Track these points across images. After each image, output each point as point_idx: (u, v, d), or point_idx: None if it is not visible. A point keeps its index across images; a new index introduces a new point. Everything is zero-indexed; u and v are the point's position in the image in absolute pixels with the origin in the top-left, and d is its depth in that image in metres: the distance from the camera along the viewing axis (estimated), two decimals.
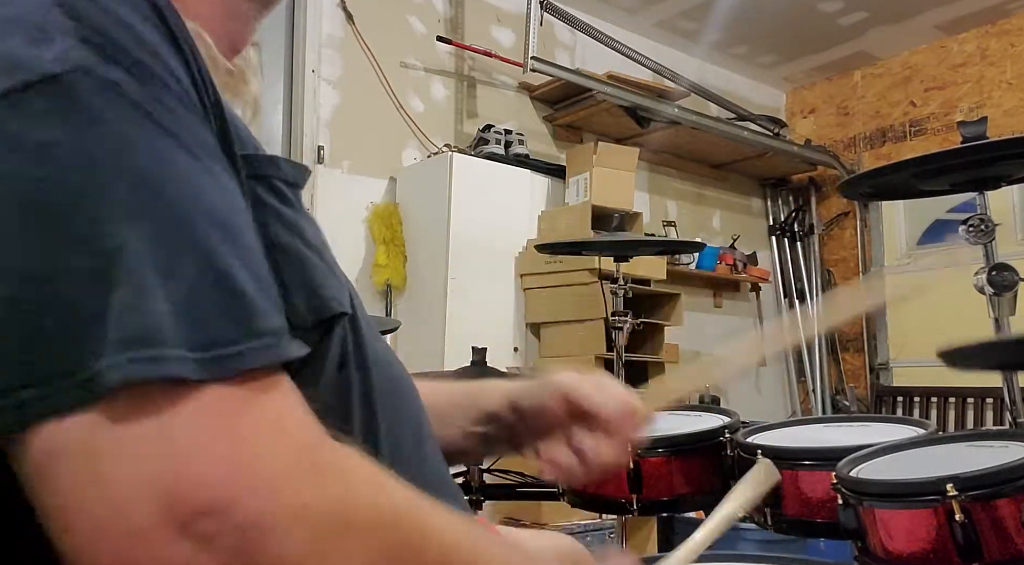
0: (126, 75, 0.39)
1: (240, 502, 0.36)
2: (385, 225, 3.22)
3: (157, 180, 0.38)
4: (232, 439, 0.37)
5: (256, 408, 0.38)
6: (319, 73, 3.23)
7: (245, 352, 0.38)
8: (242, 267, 0.40)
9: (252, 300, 0.40)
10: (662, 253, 3.28)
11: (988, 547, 0.81)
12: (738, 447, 1.16)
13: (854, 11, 4.19)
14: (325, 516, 0.38)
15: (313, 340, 0.49)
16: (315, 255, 0.50)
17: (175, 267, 0.38)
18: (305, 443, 0.40)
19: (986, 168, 1.40)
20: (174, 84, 0.41)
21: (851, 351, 4.86)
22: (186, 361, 0.36)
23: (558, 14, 3.60)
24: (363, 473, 0.42)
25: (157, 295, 0.37)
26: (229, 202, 0.42)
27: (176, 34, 0.43)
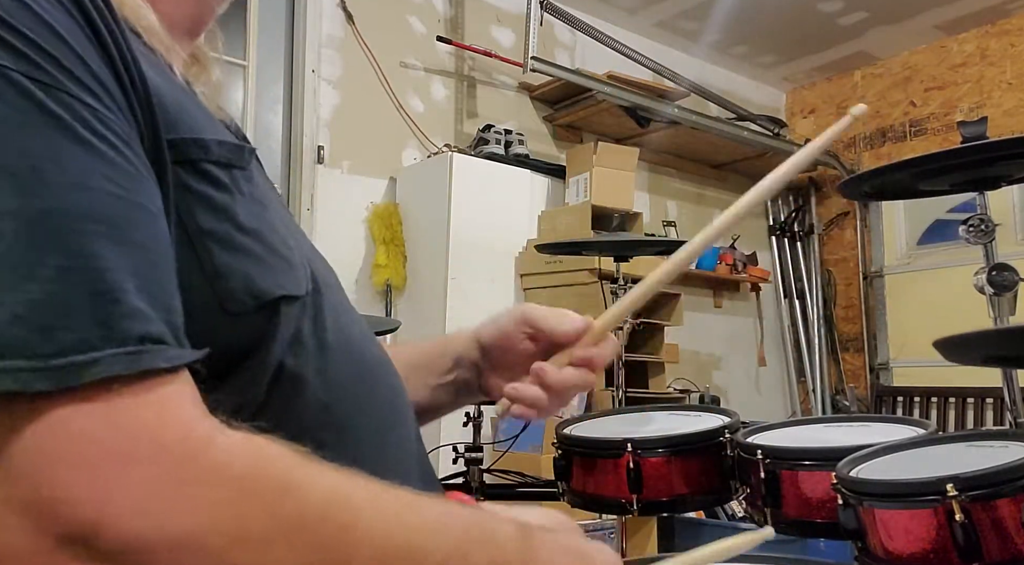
0: (15, 58, 0.37)
1: (105, 528, 0.34)
2: (385, 225, 3.23)
3: (30, 171, 0.36)
4: (93, 455, 0.34)
5: (121, 419, 0.35)
6: (319, 73, 3.23)
7: (103, 359, 0.35)
8: (122, 267, 0.37)
9: (122, 302, 0.36)
10: (662, 253, 3.27)
11: (988, 547, 0.81)
12: (738, 447, 1.16)
13: (854, 11, 4.19)
14: (211, 532, 0.36)
15: (257, 324, 0.47)
16: (251, 239, 0.48)
17: (34, 267, 0.35)
18: (186, 454, 0.36)
19: (986, 168, 1.40)
20: (78, 68, 0.39)
21: (851, 351, 4.86)
22: (21, 372, 0.33)
23: (558, 14, 3.60)
24: (263, 475, 0.39)
25: (6, 297, 0.34)
26: (123, 194, 0.39)
27: (92, 17, 0.41)
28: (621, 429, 1.29)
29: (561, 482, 1.29)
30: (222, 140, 0.48)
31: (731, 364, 4.59)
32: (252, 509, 0.37)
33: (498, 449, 2.39)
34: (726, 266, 4.40)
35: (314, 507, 0.39)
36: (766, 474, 1.07)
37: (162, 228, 0.41)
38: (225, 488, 0.37)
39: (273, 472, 0.39)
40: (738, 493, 1.17)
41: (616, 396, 2.11)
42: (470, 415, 2.07)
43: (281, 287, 0.48)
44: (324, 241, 3.08)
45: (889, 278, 4.68)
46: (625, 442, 1.18)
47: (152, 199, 0.41)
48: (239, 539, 0.36)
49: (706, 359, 4.45)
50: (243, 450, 0.39)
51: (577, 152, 3.60)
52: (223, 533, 0.36)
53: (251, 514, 0.37)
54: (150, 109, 0.43)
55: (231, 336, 0.46)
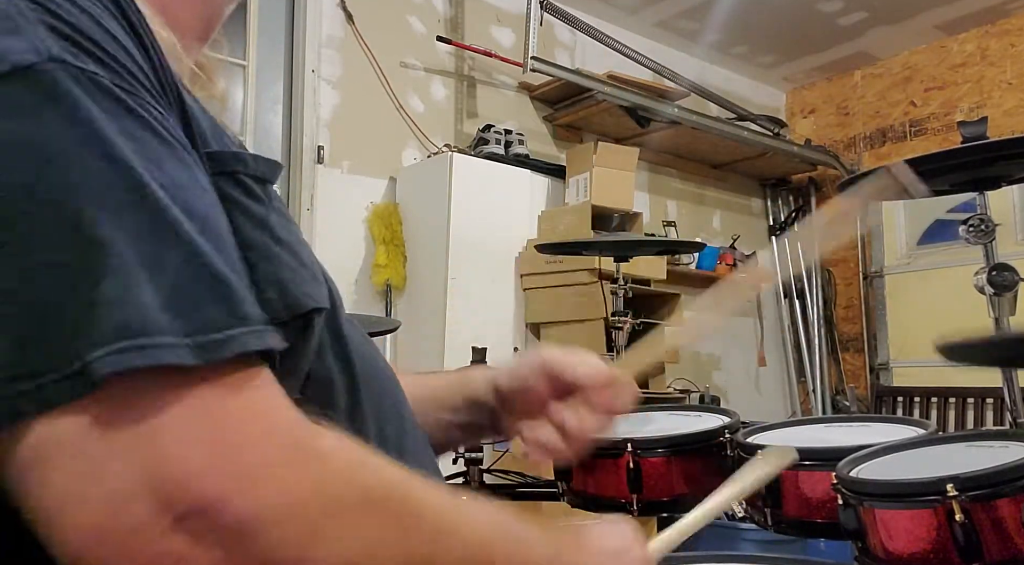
0: (99, 66, 0.39)
1: (229, 500, 0.36)
2: (385, 225, 3.22)
3: (138, 172, 0.38)
4: (221, 433, 0.37)
5: (244, 398, 0.38)
6: (319, 73, 3.23)
7: (237, 337, 0.38)
8: (221, 257, 0.40)
9: (236, 288, 0.40)
10: (662, 253, 3.28)
11: (988, 547, 0.81)
12: (738, 447, 1.16)
13: (854, 11, 4.19)
14: (315, 504, 0.38)
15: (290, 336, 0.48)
16: (285, 251, 0.50)
17: (159, 258, 0.37)
18: (291, 433, 0.40)
19: (986, 168, 1.40)
20: (143, 77, 0.41)
21: (851, 351, 4.86)
22: (178, 348, 0.36)
23: (558, 14, 3.60)
24: (349, 456, 0.42)
25: (144, 287, 0.36)
26: (203, 194, 0.42)
27: (137, 28, 0.43)
28: (621, 429, 1.29)
29: (561, 482, 1.29)
30: (257, 155, 0.51)
31: (731, 364, 4.59)
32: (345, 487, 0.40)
33: (498, 449, 2.39)
34: (726, 266, 4.40)
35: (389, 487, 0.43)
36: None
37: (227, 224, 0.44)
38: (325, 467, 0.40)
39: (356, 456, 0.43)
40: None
41: None
42: None
43: (312, 299, 0.50)
44: (324, 241, 3.08)
45: (889, 278, 4.68)
46: (625, 442, 1.18)
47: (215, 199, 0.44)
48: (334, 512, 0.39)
49: (706, 359, 4.45)
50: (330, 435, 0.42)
51: (577, 152, 3.60)
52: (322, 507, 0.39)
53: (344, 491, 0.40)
54: (187, 123, 0.45)
55: None
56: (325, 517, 0.38)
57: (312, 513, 0.38)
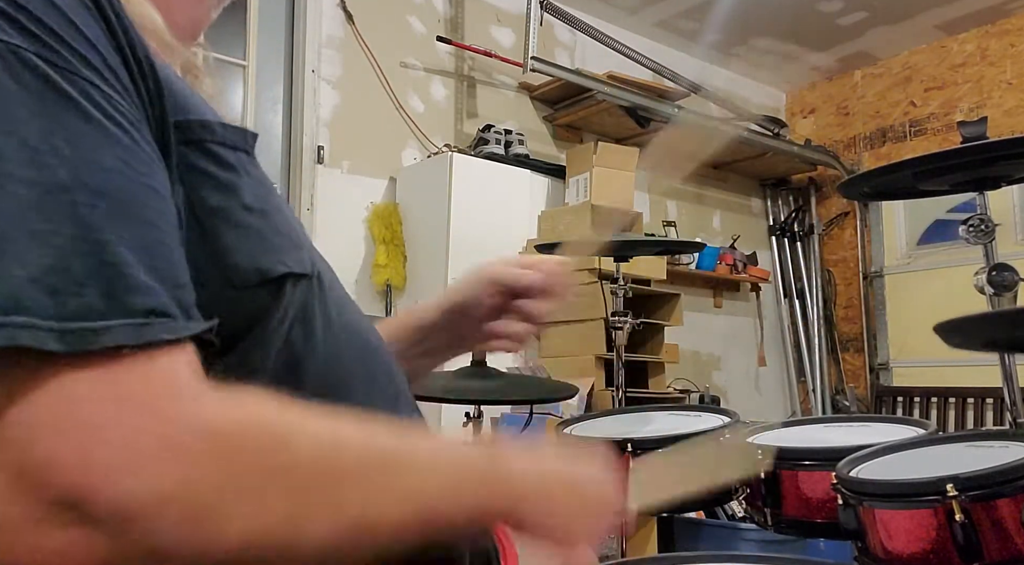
0: (30, 41, 0.39)
1: (99, 490, 0.35)
2: (385, 225, 3.22)
3: (47, 146, 0.37)
4: (86, 421, 0.35)
5: (120, 388, 0.36)
6: (319, 73, 3.23)
7: (112, 328, 0.36)
8: (127, 241, 0.38)
9: (129, 276, 0.38)
10: (662, 253, 3.28)
11: (988, 547, 0.81)
12: None
13: (854, 11, 4.19)
14: (199, 486, 0.37)
15: (262, 298, 0.49)
16: (257, 218, 0.49)
17: (47, 234, 0.36)
18: (175, 416, 0.37)
19: (986, 168, 1.40)
20: (89, 52, 0.41)
21: (851, 351, 4.86)
22: (39, 330, 0.34)
23: (558, 14, 3.60)
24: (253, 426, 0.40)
25: (19, 262, 0.35)
26: (131, 172, 0.40)
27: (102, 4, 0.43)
28: (621, 429, 1.29)
29: None
30: (226, 123, 0.50)
31: (731, 364, 4.59)
32: (241, 460, 0.38)
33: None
34: (726, 266, 4.40)
35: (306, 451, 0.41)
36: (766, 474, 1.07)
37: (169, 208, 0.43)
38: (212, 442, 0.38)
39: (262, 422, 0.41)
40: (738, 493, 1.17)
41: (616, 396, 2.11)
42: (470, 415, 2.07)
43: (284, 265, 0.50)
44: (324, 241, 3.08)
45: (889, 278, 4.68)
46: (625, 442, 1.18)
47: (159, 180, 0.43)
48: (230, 489, 0.37)
49: (706, 359, 4.45)
50: (231, 405, 0.40)
51: (577, 152, 3.60)
52: (213, 485, 0.37)
53: (240, 465, 0.38)
54: (159, 92, 0.45)
55: (237, 309, 0.48)
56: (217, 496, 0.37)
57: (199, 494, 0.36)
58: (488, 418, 2.47)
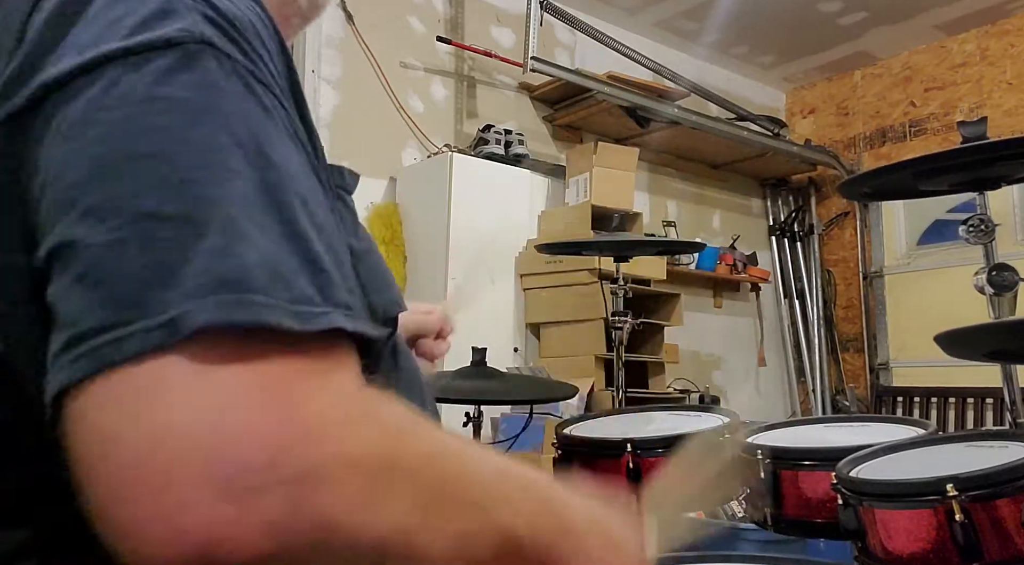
0: (242, 56, 0.43)
1: (290, 451, 0.35)
2: (385, 225, 3.23)
3: (259, 146, 0.41)
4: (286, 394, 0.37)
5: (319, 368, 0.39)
6: (319, 73, 3.23)
7: (332, 313, 0.39)
8: (319, 241, 0.42)
9: (329, 271, 0.41)
10: (662, 253, 3.28)
11: (988, 547, 0.81)
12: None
13: (854, 11, 4.19)
14: (374, 461, 0.38)
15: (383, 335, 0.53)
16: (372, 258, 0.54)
17: (264, 226, 0.39)
18: (352, 394, 0.41)
19: (986, 168, 1.40)
20: (277, 78, 0.45)
21: (851, 351, 4.86)
22: (278, 309, 0.37)
23: (558, 14, 3.60)
24: (405, 419, 0.43)
25: (248, 247, 0.38)
26: (315, 190, 0.45)
27: (282, 41, 0.47)
28: (621, 429, 1.30)
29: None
30: (346, 168, 0.55)
31: (731, 364, 4.59)
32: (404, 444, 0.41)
33: (498, 449, 2.38)
34: (726, 266, 4.40)
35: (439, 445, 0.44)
36: (766, 474, 1.07)
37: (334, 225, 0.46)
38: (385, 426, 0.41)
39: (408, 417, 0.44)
40: (738, 493, 1.17)
41: (616, 396, 2.11)
42: (470, 415, 2.07)
43: (398, 305, 0.55)
44: None
45: (889, 278, 4.68)
46: (625, 442, 1.18)
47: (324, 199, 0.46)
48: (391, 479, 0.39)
49: (706, 359, 4.45)
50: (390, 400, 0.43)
51: (577, 152, 3.60)
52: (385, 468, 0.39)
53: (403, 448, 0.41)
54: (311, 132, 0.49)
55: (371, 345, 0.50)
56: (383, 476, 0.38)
57: (372, 472, 0.38)
58: (488, 418, 2.47)
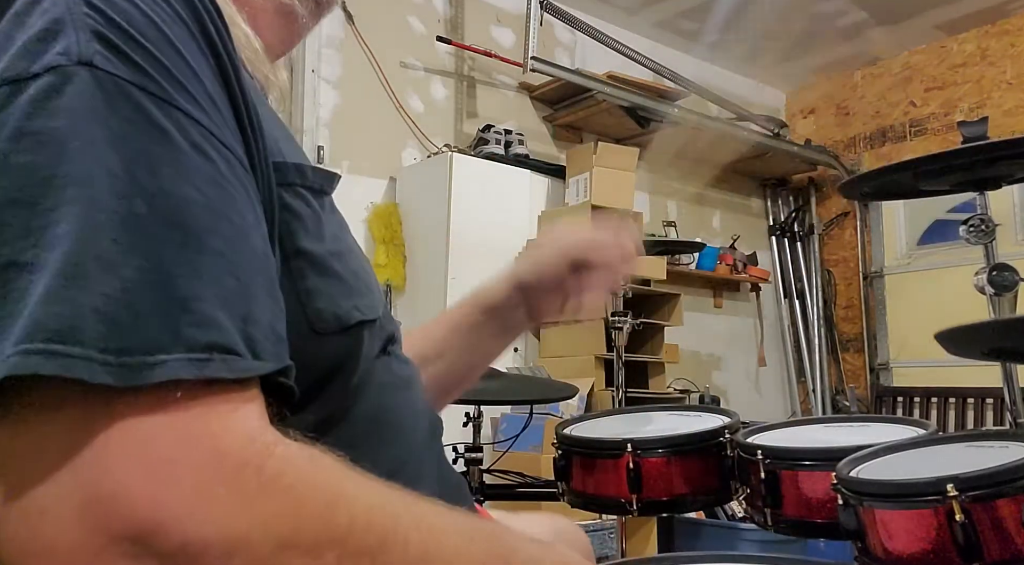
0: (133, 71, 0.40)
1: (164, 529, 0.34)
2: (385, 225, 3.22)
3: (132, 174, 0.38)
4: (155, 458, 0.35)
5: (186, 424, 0.36)
6: (319, 73, 3.23)
7: (168, 362, 0.35)
8: (199, 275, 0.38)
9: (196, 311, 0.37)
10: (662, 253, 3.28)
11: (988, 547, 0.81)
12: (738, 447, 1.16)
13: (854, 11, 4.19)
14: (262, 541, 0.36)
15: (343, 344, 0.49)
16: (337, 261, 0.50)
17: (116, 265, 0.36)
18: (245, 462, 0.37)
19: (986, 168, 1.40)
20: (192, 83, 0.42)
21: (851, 351, 4.86)
22: (92, 363, 0.34)
23: (558, 14, 3.60)
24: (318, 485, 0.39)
25: (87, 289, 0.35)
26: (215, 204, 0.40)
27: (214, 39, 0.43)
28: (621, 429, 1.29)
29: (561, 482, 1.29)
30: (315, 167, 0.52)
31: (731, 364, 4.59)
32: (304, 518, 0.38)
33: (498, 449, 2.39)
34: (726, 266, 4.40)
35: (361, 517, 0.40)
36: (766, 474, 1.07)
37: (251, 240, 0.42)
38: (280, 497, 0.37)
39: (325, 482, 0.40)
40: (738, 493, 1.17)
41: (616, 396, 2.11)
42: (470, 415, 2.07)
43: (360, 312, 0.51)
44: None
45: (889, 278, 4.68)
46: (625, 442, 1.18)
47: (243, 212, 0.42)
48: (290, 546, 0.37)
49: (706, 359, 4.45)
50: (298, 461, 0.39)
51: (577, 152, 3.60)
52: (276, 539, 0.36)
53: (303, 523, 0.37)
54: (259, 132, 0.46)
55: (322, 354, 0.48)
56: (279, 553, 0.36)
57: (262, 548, 0.36)
58: (488, 418, 2.47)
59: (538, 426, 2.57)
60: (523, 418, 2.41)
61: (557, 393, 2.14)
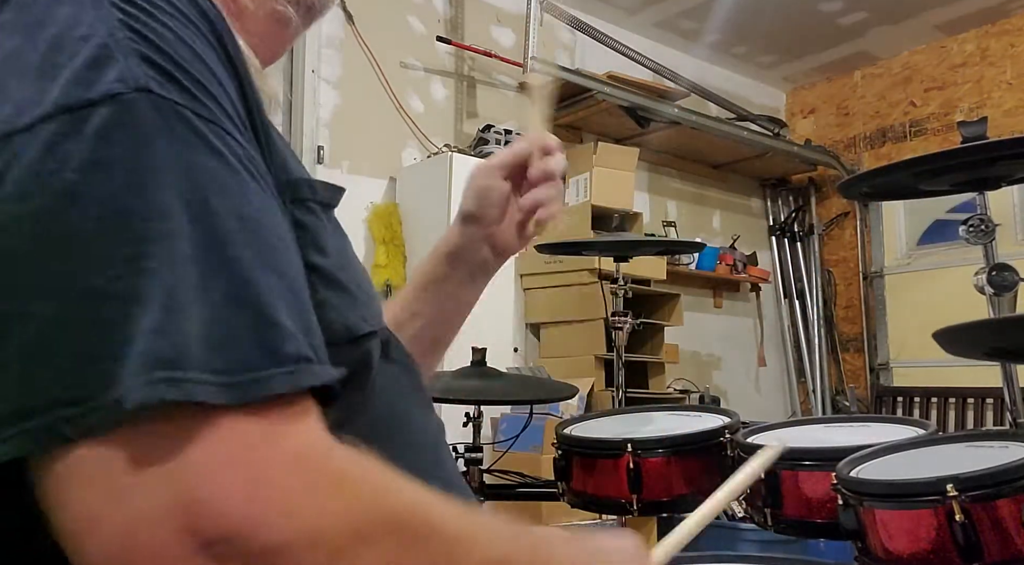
0: (184, 95, 0.41)
1: (257, 530, 0.36)
2: (385, 225, 3.22)
3: (204, 199, 0.39)
4: (250, 466, 0.37)
5: (277, 434, 0.39)
6: (319, 73, 3.23)
7: (270, 378, 0.38)
8: (275, 290, 0.40)
9: (280, 325, 0.40)
10: (662, 253, 3.28)
11: (988, 547, 0.81)
12: (738, 447, 1.16)
13: (854, 11, 4.19)
14: (338, 533, 0.39)
15: (353, 354, 0.51)
16: (342, 273, 0.52)
17: (207, 289, 0.38)
18: (320, 463, 0.40)
19: (986, 168, 1.40)
20: (229, 106, 0.43)
21: (851, 351, 4.86)
22: (208, 385, 0.36)
23: (558, 14, 3.60)
24: (375, 481, 0.42)
25: (187, 316, 0.37)
26: (271, 223, 0.43)
27: (233, 57, 0.45)
28: (621, 429, 1.30)
29: (561, 482, 1.29)
30: (323, 181, 0.53)
31: (731, 364, 4.59)
32: (368, 510, 0.40)
33: (498, 449, 2.39)
34: (726, 266, 4.40)
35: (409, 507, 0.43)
36: (766, 474, 1.07)
37: (296, 258, 0.45)
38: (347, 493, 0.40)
39: (377, 478, 0.43)
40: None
41: (616, 396, 2.11)
42: (470, 415, 2.07)
43: (367, 322, 0.53)
44: None
45: (889, 278, 4.68)
46: (625, 442, 1.18)
47: (286, 230, 0.45)
48: (359, 537, 0.39)
49: (706, 359, 4.45)
50: (353, 458, 0.42)
51: (577, 152, 3.60)
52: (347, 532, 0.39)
53: (368, 515, 0.40)
54: (273, 149, 0.47)
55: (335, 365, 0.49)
56: (351, 543, 0.39)
57: (339, 540, 0.38)
58: (488, 418, 2.47)
59: (538, 426, 2.57)
60: (523, 418, 2.41)
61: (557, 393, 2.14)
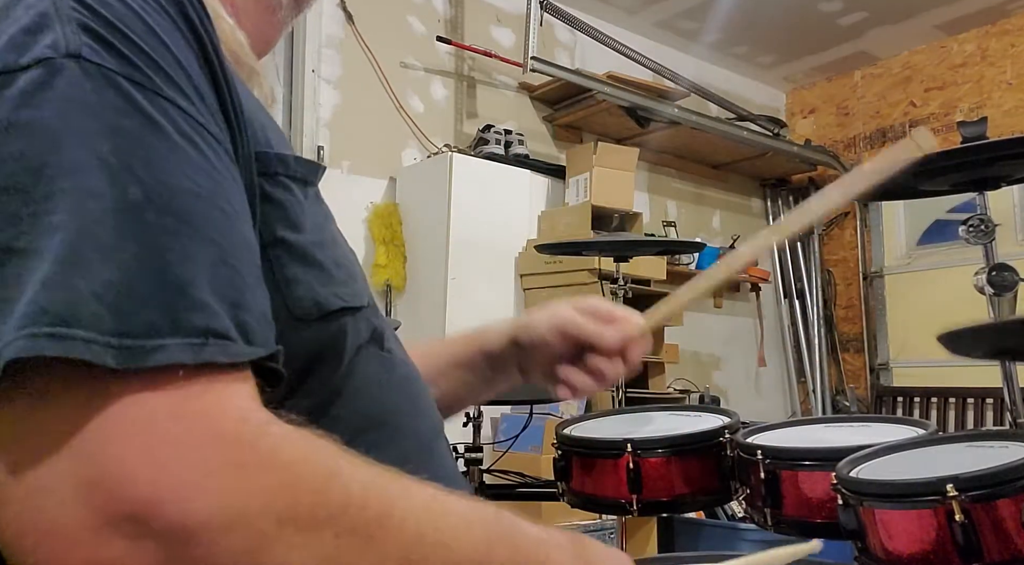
0: (121, 62, 0.40)
1: (164, 506, 0.35)
2: (385, 225, 3.23)
3: (121, 164, 0.38)
4: (154, 439, 0.35)
5: (188, 408, 0.37)
6: (319, 73, 3.23)
7: (167, 347, 0.36)
8: (197, 259, 0.39)
9: (191, 296, 0.38)
10: (662, 253, 3.28)
11: (988, 548, 0.81)
12: (738, 447, 1.16)
13: (854, 11, 4.19)
14: (260, 515, 0.36)
15: (326, 331, 0.50)
16: (317, 250, 0.51)
17: (114, 251, 0.37)
18: (241, 439, 0.38)
19: (986, 168, 1.40)
20: (176, 73, 0.42)
21: (851, 351, 4.86)
22: (95, 345, 0.35)
23: (558, 14, 3.60)
24: (314, 462, 0.40)
25: (86, 274, 0.36)
26: (212, 192, 0.41)
27: (196, 27, 0.44)
28: (621, 429, 1.29)
29: (561, 482, 1.29)
30: (299, 157, 0.52)
31: (731, 364, 4.59)
32: (302, 494, 0.38)
33: (498, 449, 2.39)
34: None
35: (357, 494, 0.40)
36: (766, 474, 1.07)
37: (240, 228, 0.43)
38: (277, 473, 0.38)
39: (320, 459, 0.41)
40: (738, 493, 1.17)
41: (616, 396, 2.11)
42: (470, 415, 2.07)
43: (340, 299, 0.51)
44: None
45: (889, 278, 4.68)
46: (625, 442, 1.18)
47: (232, 200, 0.43)
48: (288, 521, 0.37)
49: (706, 359, 4.45)
50: (293, 439, 0.40)
51: (577, 152, 3.60)
52: (274, 515, 0.37)
53: (300, 498, 0.38)
54: (243, 121, 0.46)
55: (304, 342, 0.49)
56: (277, 529, 0.37)
57: (261, 522, 0.36)
58: (488, 418, 2.47)
59: (538, 426, 2.57)
60: (523, 418, 2.41)
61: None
